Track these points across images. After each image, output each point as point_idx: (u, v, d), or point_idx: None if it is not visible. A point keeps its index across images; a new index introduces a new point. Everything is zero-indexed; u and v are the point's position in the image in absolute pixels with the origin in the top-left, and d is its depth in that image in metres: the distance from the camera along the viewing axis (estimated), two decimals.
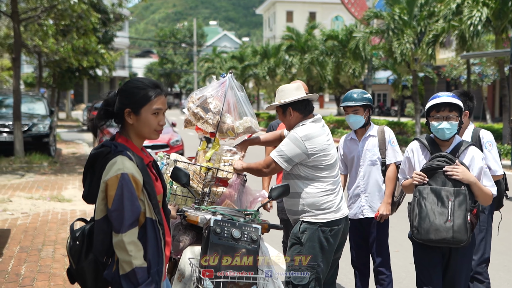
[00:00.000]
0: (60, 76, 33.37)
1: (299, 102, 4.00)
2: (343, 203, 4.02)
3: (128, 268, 2.58)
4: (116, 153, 2.69)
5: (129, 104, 2.73)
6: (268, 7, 71.03)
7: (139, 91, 2.74)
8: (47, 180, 12.14)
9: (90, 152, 2.80)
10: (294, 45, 32.83)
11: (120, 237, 2.58)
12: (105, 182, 2.62)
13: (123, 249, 2.58)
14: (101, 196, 2.65)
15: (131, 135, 2.79)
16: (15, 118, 14.54)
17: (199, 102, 4.49)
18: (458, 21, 17.24)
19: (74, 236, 2.77)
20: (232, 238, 3.14)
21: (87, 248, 2.75)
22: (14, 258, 6.31)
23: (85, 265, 2.73)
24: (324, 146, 3.88)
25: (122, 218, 2.58)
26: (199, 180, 4.23)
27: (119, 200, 2.58)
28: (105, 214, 2.65)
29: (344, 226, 3.98)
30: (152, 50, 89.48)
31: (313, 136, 3.86)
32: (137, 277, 2.58)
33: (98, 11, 21.35)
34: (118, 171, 2.60)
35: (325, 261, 3.88)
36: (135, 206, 2.61)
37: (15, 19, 14.76)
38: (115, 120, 2.80)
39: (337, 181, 4.00)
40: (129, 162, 2.66)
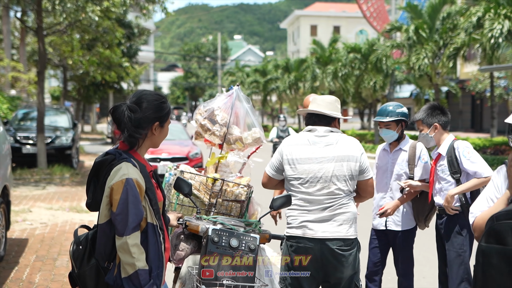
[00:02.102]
0: (85, 90, 33.97)
1: (307, 114, 4.01)
2: (318, 225, 3.68)
3: (131, 270, 2.65)
4: (120, 159, 2.78)
5: (158, 118, 2.87)
6: (292, 21, 71.37)
7: (165, 106, 2.90)
8: (68, 191, 12.33)
9: (95, 160, 2.89)
10: (319, 58, 32.92)
11: (125, 240, 2.65)
12: (110, 187, 2.70)
13: (126, 251, 2.65)
14: (106, 201, 2.73)
15: (144, 145, 2.90)
16: (38, 130, 14.85)
17: (206, 114, 4.56)
18: (480, 34, 17.13)
19: (78, 241, 2.85)
20: (230, 247, 3.18)
21: (89, 253, 2.81)
22: (30, 267, 6.44)
23: (86, 269, 2.79)
24: (296, 157, 3.76)
25: (126, 221, 2.66)
26: (206, 190, 4.29)
27: (123, 204, 2.66)
28: (108, 219, 2.73)
29: (314, 248, 3.66)
30: (177, 64, 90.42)
31: (291, 144, 3.84)
32: (140, 279, 2.65)
33: (122, 26, 21.74)
34: (123, 176, 2.69)
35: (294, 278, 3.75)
36: (139, 210, 2.70)
37: (40, 34, 15.11)
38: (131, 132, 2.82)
39: (312, 199, 3.71)
40: (133, 168, 2.75)
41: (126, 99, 2.93)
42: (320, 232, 3.67)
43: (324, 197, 3.70)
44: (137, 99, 2.87)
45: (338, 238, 3.67)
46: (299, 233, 3.69)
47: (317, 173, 3.70)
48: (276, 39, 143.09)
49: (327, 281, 3.76)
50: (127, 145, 2.87)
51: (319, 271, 3.70)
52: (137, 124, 2.81)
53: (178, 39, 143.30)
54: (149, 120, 2.84)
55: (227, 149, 4.62)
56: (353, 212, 3.78)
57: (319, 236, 3.66)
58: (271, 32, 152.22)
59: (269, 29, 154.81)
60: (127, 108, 2.81)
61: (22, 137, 15.49)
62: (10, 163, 7.50)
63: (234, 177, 4.45)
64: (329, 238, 3.66)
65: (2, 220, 6.73)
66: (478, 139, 18.97)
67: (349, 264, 3.71)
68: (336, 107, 3.93)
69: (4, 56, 20.55)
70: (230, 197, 4.26)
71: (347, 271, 3.71)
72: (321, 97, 3.99)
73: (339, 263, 3.67)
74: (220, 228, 3.27)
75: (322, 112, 3.86)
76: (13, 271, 6.26)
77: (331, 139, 3.80)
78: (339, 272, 3.70)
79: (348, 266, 3.71)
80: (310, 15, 68.04)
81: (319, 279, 3.76)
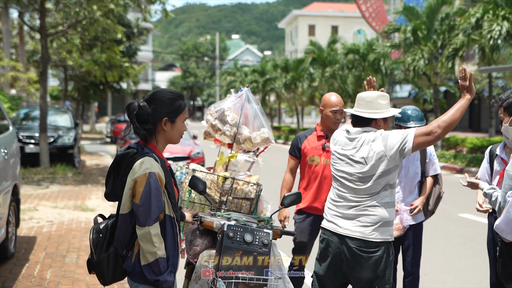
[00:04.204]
0: (85, 89, 34.06)
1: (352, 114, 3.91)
2: (343, 221, 3.72)
3: (152, 258, 2.82)
4: (143, 154, 2.94)
5: (167, 114, 3.00)
6: (290, 21, 71.49)
7: (175, 102, 3.03)
8: (71, 190, 12.46)
9: (117, 153, 3.05)
10: (316, 59, 33.05)
11: (148, 229, 2.82)
12: (134, 180, 2.86)
13: (148, 240, 2.82)
14: (129, 193, 2.89)
15: (160, 141, 3.05)
16: (41, 130, 14.98)
17: (217, 115, 4.72)
18: (478, 35, 17.29)
19: (98, 229, 3.02)
20: (244, 242, 3.33)
21: (108, 241, 2.99)
22: (40, 264, 6.58)
23: (105, 256, 2.97)
24: (333, 155, 3.92)
25: (149, 212, 2.83)
26: (217, 189, 4.44)
27: (146, 196, 2.83)
28: (130, 209, 2.89)
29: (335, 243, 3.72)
30: (175, 64, 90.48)
31: (334, 142, 3.94)
32: (160, 266, 2.83)
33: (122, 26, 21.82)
34: (147, 170, 2.86)
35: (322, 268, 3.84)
36: (160, 202, 2.87)
37: (42, 34, 15.24)
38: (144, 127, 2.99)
39: (342, 195, 3.75)
40: (155, 163, 2.92)
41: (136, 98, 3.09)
42: (343, 228, 3.69)
43: (351, 196, 3.71)
44: (150, 96, 3.05)
45: (358, 238, 3.65)
46: (327, 226, 3.80)
47: (344, 174, 3.74)
48: (274, 38, 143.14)
49: (346, 278, 3.79)
50: (142, 140, 3.02)
51: (340, 267, 3.74)
52: (144, 120, 2.97)
53: (175, 38, 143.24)
54: (157, 115, 2.98)
55: (236, 148, 4.78)
56: (381, 216, 3.65)
57: (340, 232, 3.70)
58: (269, 31, 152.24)
59: (266, 29, 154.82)
60: (137, 105, 2.98)
61: (24, 137, 15.61)
62: (19, 162, 7.63)
63: (244, 176, 4.60)
64: (349, 236, 3.66)
65: (12, 217, 6.86)
66: (476, 139, 19.12)
67: (368, 266, 3.64)
68: (378, 104, 3.75)
69: (3, 55, 20.64)
70: (240, 195, 4.41)
71: (365, 273, 3.66)
72: (361, 95, 3.84)
73: (356, 262, 3.67)
74: (235, 224, 3.41)
75: (354, 113, 3.80)
76: (24, 268, 6.40)
77: (359, 141, 3.71)
78: (356, 271, 3.68)
79: (368, 268, 3.65)
80: (308, 15, 68.15)
81: (340, 275, 3.79)
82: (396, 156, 3.59)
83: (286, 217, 4.94)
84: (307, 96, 36.49)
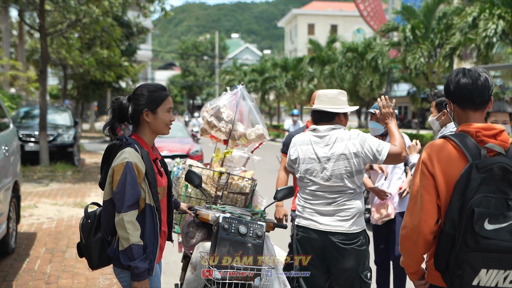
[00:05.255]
0: (84, 88, 34.15)
1: (313, 111, 4.03)
2: (322, 218, 3.81)
3: (126, 244, 2.96)
4: (126, 145, 3.11)
5: (147, 105, 3.14)
6: (289, 20, 71.60)
7: (154, 93, 3.17)
8: (71, 188, 12.58)
9: (108, 145, 3.24)
10: (316, 58, 33.19)
11: (121, 216, 2.97)
12: (113, 168, 3.04)
13: (122, 227, 2.97)
14: (109, 181, 3.07)
15: (146, 133, 3.20)
16: (41, 128, 15.09)
17: (213, 112, 4.84)
18: (475, 34, 17.42)
19: (87, 214, 3.20)
20: (239, 233, 3.45)
21: (96, 227, 3.16)
22: (40, 259, 6.70)
23: (92, 241, 3.13)
24: (300, 156, 3.89)
25: (123, 200, 2.98)
26: (212, 184, 4.56)
27: (122, 184, 2.99)
28: (111, 197, 3.06)
29: (317, 240, 3.80)
30: (175, 63, 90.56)
31: (295, 144, 3.97)
32: (133, 252, 2.95)
33: (121, 25, 21.96)
34: (124, 160, 3.02)
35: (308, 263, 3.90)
36: (135, 190, 3.00)
37: (42, 33, 15.34)
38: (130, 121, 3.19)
39: (317, 194, 3.83)
40: (135, 153, 3.06)
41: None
42: (323, 225, 3.79)
43: (328, 194, 3.80)
44: (134, 90, 3.23)
45: (340, 232, 3.77)
46: (305, 224, 3.86)
47: (319, 172, 3.80)
48: (274, 37, 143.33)
49: (331, 269, 3.88)
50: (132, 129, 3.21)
51: (322, 262, 3.85)
52: (126, 112, 3.15)
53: (175, 37, 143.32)
54: (138, 108, 3.14)
55: (232, 144, 4.90)
56: (358, 208, 3.82)
57: (322, 228, 3.79)
58: (268, 30, 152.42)
59: (266, 28, 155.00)
60: (126, 99, 3.18)
61: (24, 135, 15.71)
62: (19, 160, 7.75)
63: (239, 171, 4.72)
64: (331, 231, 3.77)
65: (13, 214, 6.98)
66: None
67: (352, 257, 3.78)
68: (340, 100, 3.93)
69: (3, 54, 20.74)
70: (235, 190, 4.54)
71: (349, 263, 3.78)
72: (323, 92, 3.99)
73: (340, 255, 3.78)
74: (230, 216, 3.53)
75: (322, 108, 3.90)
76: (25, 263, 6.52)
77: (330, 138, 3.81)
78: (340, 263, 3.79)
79: (352, 259, 3.78)
80: (307, 14, 68.28)
81: (323, 269, 3.89)
82: (367, 160, 3.77)
83: (285, 215, 5.04)
84: (306, 95, 36.62)
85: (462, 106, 2.71)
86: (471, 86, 2.66)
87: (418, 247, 2.67)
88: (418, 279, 2.82)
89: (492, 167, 2.48)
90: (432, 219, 2.62)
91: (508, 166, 2.48)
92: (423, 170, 2.66)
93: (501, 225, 2.44)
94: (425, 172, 2.65)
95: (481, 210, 2.45)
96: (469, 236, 2.45)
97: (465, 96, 2.68)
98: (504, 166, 2.48)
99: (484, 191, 2.47)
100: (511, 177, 2.49)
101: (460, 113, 2.73)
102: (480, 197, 2.46)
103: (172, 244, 3.81)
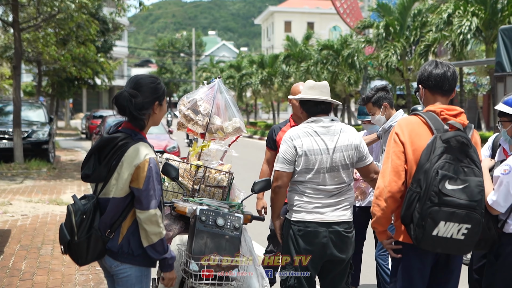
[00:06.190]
0: (59, 85, 33.73)
1: (308, 102, 3.97)
2: (326, 209, 3.83)
3: (156, 239, 2.99)
4: (137, 140, 3.04)
5: (157, 98, 3.14)
6: (266, 17, 71.64)
7: (161, 86, 3.18)
8: (46, 185, 12.42)
9: (103, 136, 3.09)
10: (292, 55, 33.24)
11: (153, 212, 2.97)
12: (136, 166, 2.96)
13: (154, 222, 2.97)
14: (128, 178, 2.98)
15: (148, 125, 3.16)
16: (15, 125, 14.85)
17: (189, 105, 4.82)
18: (449, 31, 17.65)
19: (84, 210, 3.02)
20: (216, 225, 3.45)
21: (90, 223, 3.03)
22: (15, 256, 6.60)
23: (86, 237, 3.01)
24: (308, 148, 3.81)
25: (153, 196, 2.97)
26: (190, 177, 4.54)
27: (149, 181, 2.97)
28: (127, 193, 2.99)
29: (322, 232, 3.79)
30: (151, 60, 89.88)
31: (300, 136, 3.84)
32: (164, 245, 3.03)
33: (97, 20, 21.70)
34: (147, 156, 2.98)
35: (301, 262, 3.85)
36: (161, 185, 3.06)
37: (16, 28, 15.10)
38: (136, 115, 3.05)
39: (320, 188, 3.84)
40: (151, 149, 3.06)
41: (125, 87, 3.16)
42: (328, 216, 3.83)
43: (332, 186, 3.85)
44: (135, 84, 3.11)
45: (343, 221, 3.85)
46: (310, 218, 3.80)
47: (326, 164, 3.82)
48: (250, 35, 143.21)
49: (330, 261, 3.88)
50: (137, 128, 3.10)
51: (324, 255, 3.84)
52: (141, 107, 3.06)
53: (151, 34, 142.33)
54: (150, 101, 3.10)
55: (209, 138, 4.88)
56: (353, 197, 4.03)
57: (328, 220, 3.82)
58: (245, 28, 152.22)
59: (243, 25, 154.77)
60: (129, 94, 3.04)
61: None
62: None
63: (216, 165, 4.70)
64: (337, 221, 3.83)
65: None
66: None
67: (351, 244, 3.90)
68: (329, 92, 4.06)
69: None
70: (213, 183, 4.52)
71: (349, 251, 3.89)
72: (325, 83, 4.04)
73: (343, 245, 3.85)
74: (207, 209, 3.52)
75: (328, 100, 3.94)
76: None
77: (335, 128, 3.88)
78: (343, 253, 3.86)
79: (351, 246, 3.90)
80: (284, 11, 68.40)
81: (316, 268, 3.89)
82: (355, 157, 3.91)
83: (263, 207, 5.05)
84: (283, 92, 36.66)
85: (433, 91, 3.29)
86: (443, 76, 3.27)
87: (388, 205, 3.19)
88: (386, 239, 3.36)
89: (452, 139, 3.06)
90: (400, 180, 3.16)
91: (464, 139, 3.08)
92: (395, 138, 3.22)
93: (458, 187, 3.00)
94: (396, 141, 3.21)
95: (443, 172, 3.00)
96: (432, 194, 2.99)
97: (437, 83, 3.28)
98: (461, 139, 3.06)
99: (445, 158, 3.03)
100: (466, 148, 3.07)
101: (430, 97, 3.31)
102: (443, 162, 3.02)
103: None
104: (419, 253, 3.19)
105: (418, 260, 3.22)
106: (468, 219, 3.00)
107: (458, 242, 3.04)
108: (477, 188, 3.02)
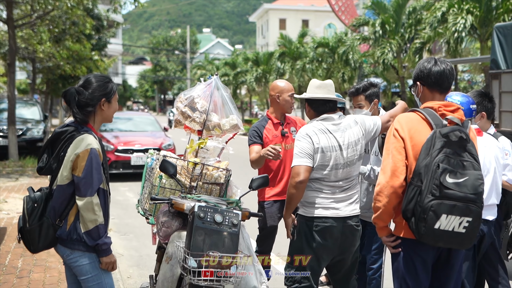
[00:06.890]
0: (54, 83, 33.61)
1: (316, 101, 4.02)
2: (340, 204, 3.92)
3: (92, 226, 3.17)
4: (82, 131, 3.26)
5: (104, 95, 3.35)
6: (261, 14, 71.55)
7: (109, 84, 3.40)
8: (41, 182, 12.36)
9: (55, 130, 3.34)
10: (286, 52, 33.23)
11: (90, 199, 3.15)
12: (77, 155, 3.16)
13: (90, 209, 3.16)
14: (69, 166, 3.17)
15: (96, 121, 3.39)
16: (9, 122, 14.81)
17: (186, 102, 4.82)
18: (444, 28, 17.68)
19: (34, 199, 3.29)
20: (214, 222, 3.45)
21: (42, 211, 3.27)
22: (11, 253, 6.59)
23: (38, 225, 3.24)
24: (323, 145, 3.86)
25: (91, 184, 3.16)
26: (187, 174, 4.54)
27: (88, 170, 3.16)
28: (70, 181, 3.18)
29: (337, 227, 3.87)
30: (146, 57, 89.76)
31: (316, 133, 3.89)
32: (99, 232, 3.21)
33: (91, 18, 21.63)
34: (88, 146, 3.18)
35: (314, 257, 3.91)
36: (100, 175, 3.22)
37: (10, 25, 15.04)
38: (83, 110, 3.31)
39: (334, 184, 3.91)
40: (95, 140, 3.24)
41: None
42: (343, 211, 3.93)
43: (344, 181, 3.95)
44: (84, 82, 3.38)
45: (355, 215, 3.99)
46: (327, 214, 3.88)
47: (340, 160, 3.90)
48: (245, 32, 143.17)
49: (341, 255, 3.98)
50: (79, 122, 3.32)
51: (336, 249, 3.93)
52: (84, 104, 3.30)
53: (146, 32, 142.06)
54: (96, 98, 3.32)
55: (206, 135, 4.88)
56: (359, 191, 4.17)
57: (343, 214, 3.91)
58: (240, 25, 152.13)
59: (238, 23, 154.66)
60: (75, 91, 3.30)
61: None
62: None
63: (213, 162, 4.71)
64: (350, 215, 3.94)
65: None
66: None
67: (359, 237, 4.06)
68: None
69: None
70: (210, 180, 4.52)
71: (357, 244, 4.05)
72: (325, 83, 4.10)
73: (354, 238, 3.98)
74: (205, 205, 3.53)
75: (335, 98, 4.04)
76: None
77: (344, 125, 3.98)
78: (353, 246, 4.00)
79: (359, 239, 4.05)
80: (279, 9, 68.32)
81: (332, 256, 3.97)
82: (369, 136, 4.10)
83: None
84: None
85: (431, 88, 3.32)
86: (442, 73, 3.29)
87: (389, 200, 3.20)
88: (386, 235, 3.36)
89: (451, 133, 3.10)
90: (402, 175, 3.19)
91: (463, 134, 3.12)
92: (395, 134, 3.25)
93: (458, 180, 3.03)
94: (396, 136, 3.24)
95: (444, 166, 3.04)
96: (434, 187, 3.02)
97: (437, 81, 3.30)
98: (460, 134, 3.11)
99: (445, 152, 3.07)
100: (465, 143, 3.12)
101: (428, 94, 3.34)
102: (443, 156, 3.06)
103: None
104: (420, 248, 3.22)
105: (419, 255, 3.24)
106: (469, 212, 3.03)
107: (459, 235, 3.06)
108: (477, 181, 3.05)
